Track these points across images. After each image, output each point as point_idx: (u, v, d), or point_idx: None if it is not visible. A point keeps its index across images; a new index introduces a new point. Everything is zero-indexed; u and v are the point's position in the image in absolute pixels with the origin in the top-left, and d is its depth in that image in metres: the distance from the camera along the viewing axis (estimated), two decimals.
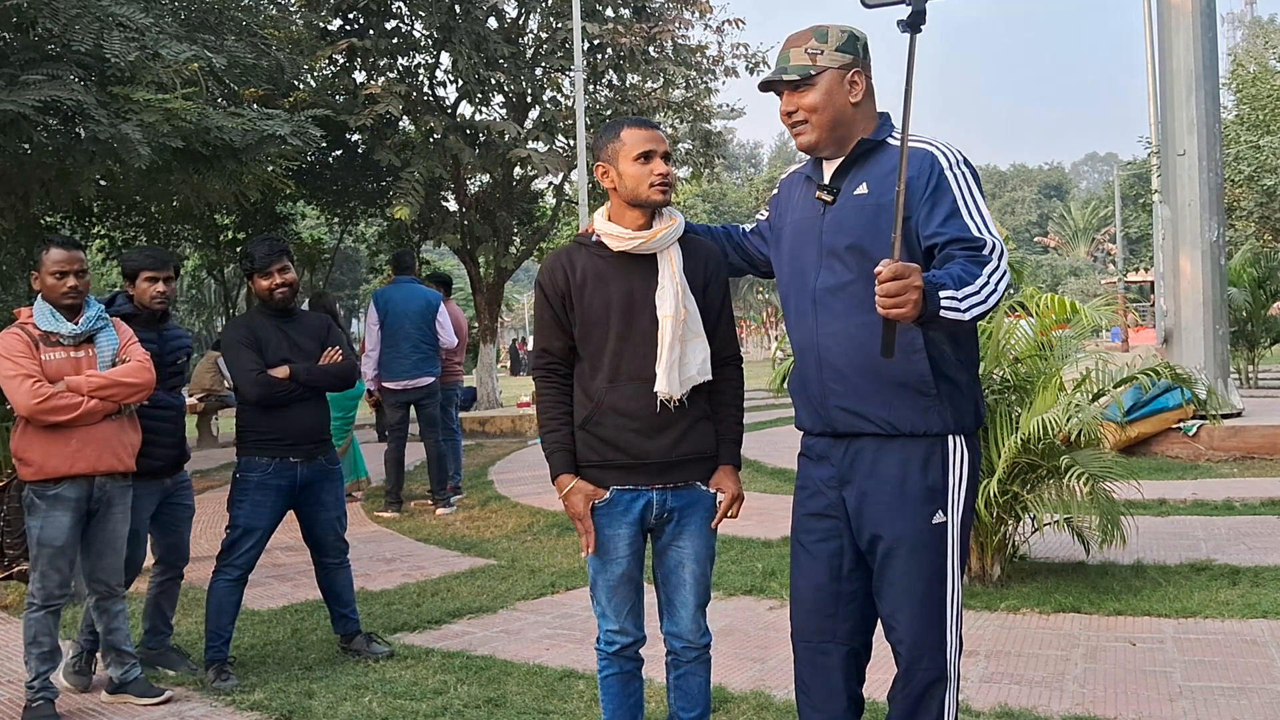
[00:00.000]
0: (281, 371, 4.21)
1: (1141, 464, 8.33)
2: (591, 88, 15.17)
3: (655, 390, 2.68)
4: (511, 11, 15.01)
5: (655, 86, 15.40)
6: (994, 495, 4.69)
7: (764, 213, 2.86)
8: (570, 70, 14.02)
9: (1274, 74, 17.60)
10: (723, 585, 5.27)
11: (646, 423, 2.69)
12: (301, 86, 13.23)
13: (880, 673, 2.68)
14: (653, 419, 2.70)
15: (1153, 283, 20.54)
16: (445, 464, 8.27)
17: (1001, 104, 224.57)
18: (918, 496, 2.44)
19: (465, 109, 15.30)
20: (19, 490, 4.19)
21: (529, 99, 15.05)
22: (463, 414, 13.26)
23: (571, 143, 14.53)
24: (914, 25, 2.13)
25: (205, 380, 9.66)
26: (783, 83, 2.49)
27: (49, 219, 11.53)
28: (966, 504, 2.49)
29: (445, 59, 14.73)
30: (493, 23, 14.66)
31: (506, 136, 13.61)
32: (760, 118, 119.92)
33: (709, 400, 2.80)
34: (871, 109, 2.54)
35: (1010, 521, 5.11)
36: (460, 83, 14.31)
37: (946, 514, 2.45)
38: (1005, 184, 77.77)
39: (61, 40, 6.91)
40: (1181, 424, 9.00)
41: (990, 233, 2.34)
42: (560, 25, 14.48)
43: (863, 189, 2.46)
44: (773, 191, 2.82)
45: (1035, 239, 67.30)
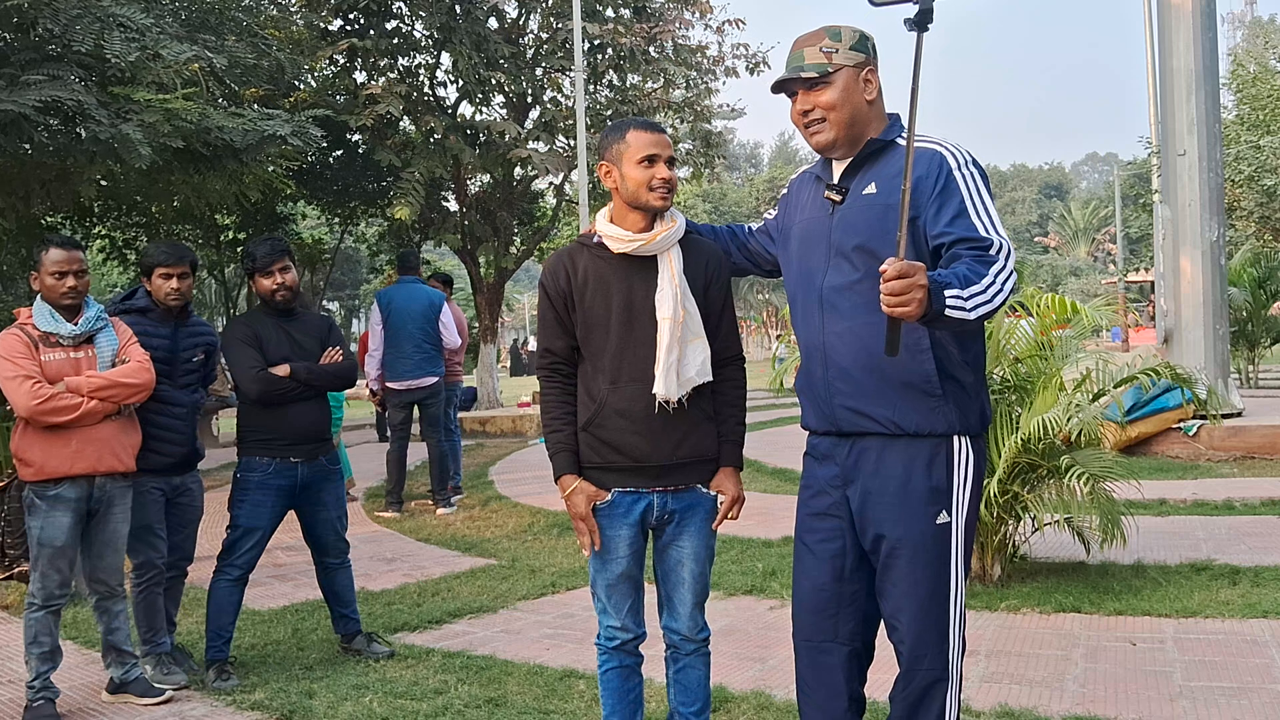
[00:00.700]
0: (282, 370, 4.21)
1: (1142, 464, 8.34)
2: (592, 88, 15.17)
3: (654, 392, 2.69)
4: (512, 12, 15.01)
5: (655, 87, 15.40)
6: (994, 495, 4.69)
7: (770, 212, 2.87)
8: (570, 70, 14.02)
9: (1274, 74, 17.58)
10: (723, 585, 5.27)
11: (648, 424, 2.70)
12: (302, 87, 13.24)
13: (882, 672, 2.68)
14: (654, 421, 2.70)
15: (1153, 283, 20.52)
16: (447, 464, 8.27)
17: (1002, 104, 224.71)
18: (922, 496, 2.44)
19: (466, 109, 15.31)
20: (20, 490, 4.19)
21: (529, 99, 15.06)
22: (463, 414, 13.29)
23: (572, 143, 14.53)
24: (921, 24, 2.13)
25: None
26: (798, 81, 2.48)
27: (49, 219, 11.51)
28: (971, 505, 2.49)
29: (446, 59, 14.74)
30: (493, 23, 14.66)
31: (507, 136, 13.61)
32: (760, 118, 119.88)
33: (711, 400, 2.80)
34: (882, 109, 2.55)
35: (1010, 521, 5.12)
36: (460, 83, 14.30)
37: (951, 514, 2.45)
38: (1005, 184, 77.69)
39: (62, 40, 6.91)
40: (1182, 424, 9.01)
41: (998, 233, 2.34)
42: (560, 25, 14.48)
43: (872, 189, 2.47)
44: (781, 191, 2.83)
45: (1035, 239, 67.26)
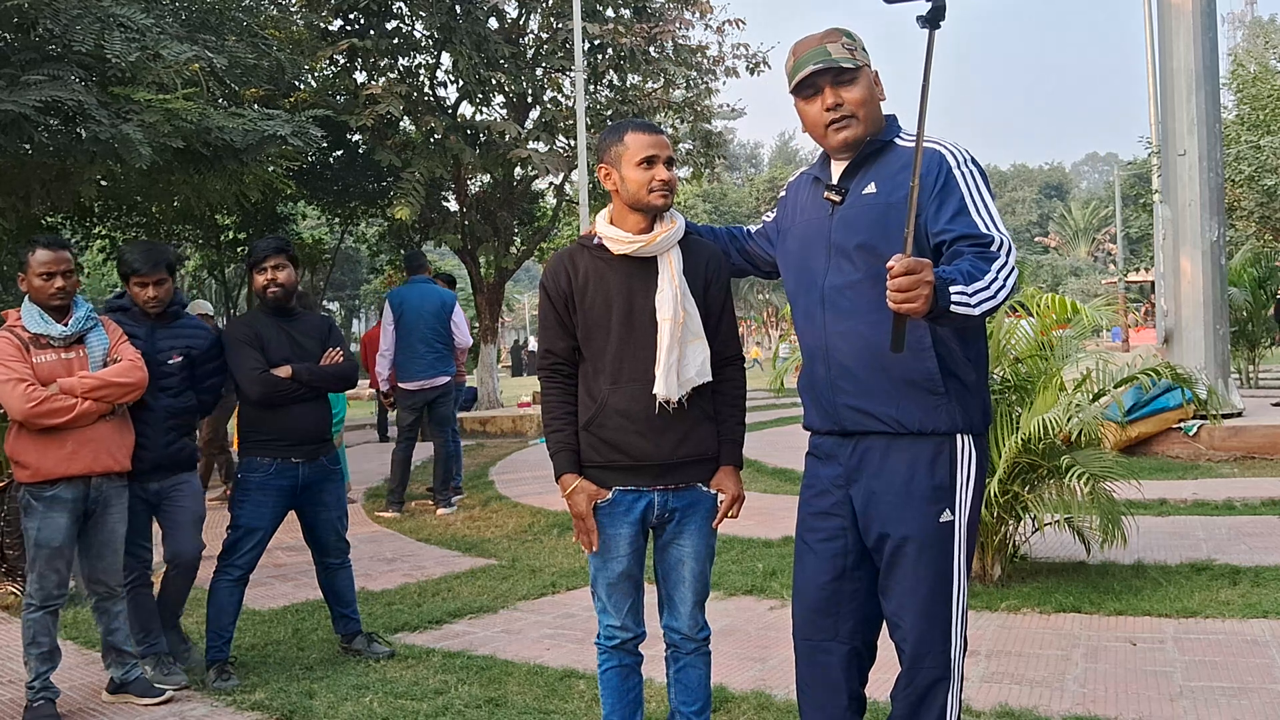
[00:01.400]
0: (284, 371, 4.21)
1: (1142, 464, 8.34)
2: (592, 88, 15.17)
3: (654, 392, 2.69)
4: (512, 12, 15.01)
5: (656, 87, 15.40)
6: (994, 495, 4.69)
7: (770, 214, 2.88)
8: (571, 70, 14.03)
9: (1274, 74, 17.57)
10: (723, 585, 5.27)
11: (648, 424, 2.71)
12: (302, 87, 13.24)
13: (883, 672, 2.68)
14: (654, 420, 2.71)
15: (1153, 283, 20.52)
16: (451, 464, 8.28)
17: (1002, 104, 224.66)
18: (925, 495, 2.44)
19: (466, 109, 15.32)
20: (19, 491, 4.18)
21: (529, 99, 15.06)
22: (463, 414, 13.28)
23: (572, 143, 14.53)
24: (934, 21, 2.13)
25: None
26: (829, 74, 2.46)
27: (50, 219, 11.53)
28: (974, 503, 2.50)
29: (446, 59, 14.75)
30: (493, 23, 14.66)
31: (507, 136, 13.61)
32: (760, 118, 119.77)
33: (711, 400, 2.81)
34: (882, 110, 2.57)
35: (1011, 521, 5.11)
36: (461, 83, 14.31)
37: (954, 513, 2.45)
38: (1006, 184, 77.69)
39: (62, 41, 6.92)
40: (1182, 424, 9.01)
41: (999, 230, 2.35)
42: (561, 25, 14.48)
43: (871, 189, 2.47)
44: (779, 193, 2.84)
45: (1036, 239, 67.29)
